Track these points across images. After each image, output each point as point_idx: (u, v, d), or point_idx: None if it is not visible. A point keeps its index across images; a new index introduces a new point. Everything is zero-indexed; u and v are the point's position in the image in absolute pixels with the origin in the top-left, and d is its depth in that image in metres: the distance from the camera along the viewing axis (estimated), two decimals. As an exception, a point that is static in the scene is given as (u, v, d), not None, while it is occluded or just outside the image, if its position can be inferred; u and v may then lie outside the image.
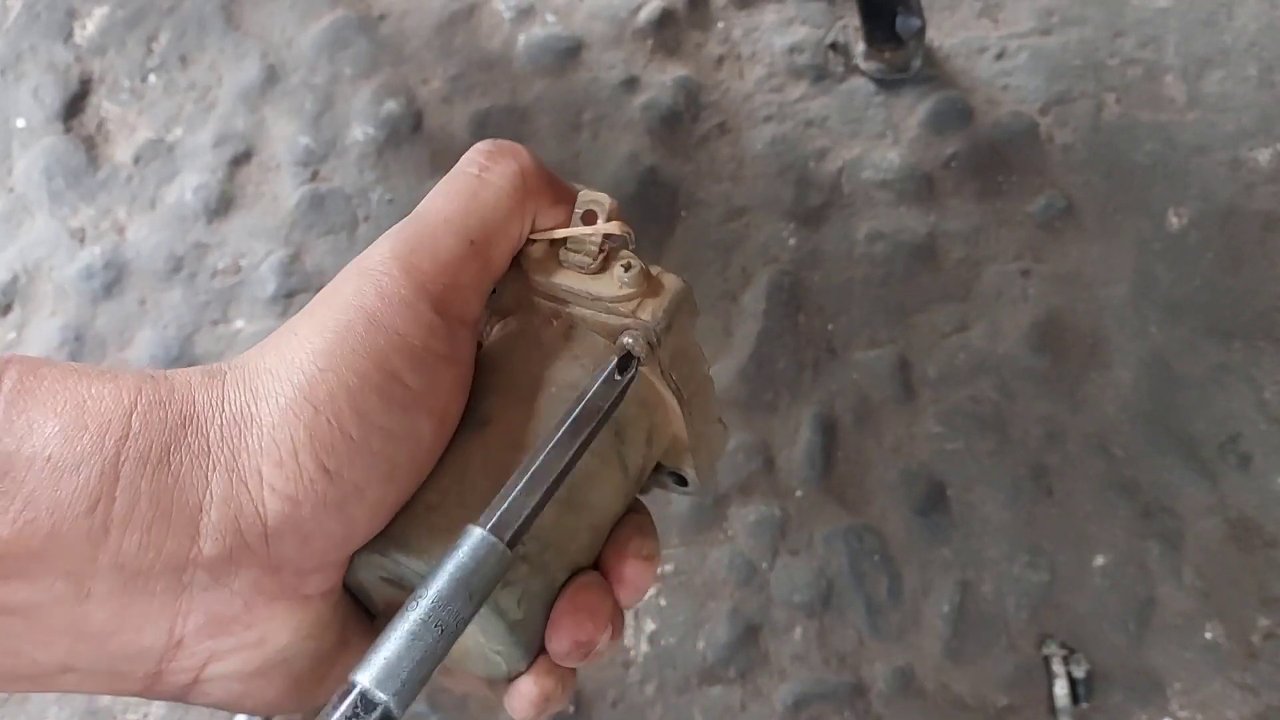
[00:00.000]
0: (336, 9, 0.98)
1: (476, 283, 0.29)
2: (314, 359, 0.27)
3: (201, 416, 0.26)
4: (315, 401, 0.26)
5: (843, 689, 0.76)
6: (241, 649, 0.26)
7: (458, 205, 0.29)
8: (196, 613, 0.25)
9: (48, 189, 0.95)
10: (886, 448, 0.81)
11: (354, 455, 0.26)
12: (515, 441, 0.29)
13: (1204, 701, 0.75)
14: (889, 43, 0.89)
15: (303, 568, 0.26)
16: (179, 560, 0.25)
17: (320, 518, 0.26)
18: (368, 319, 0.27)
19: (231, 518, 0.25)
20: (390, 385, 0.27)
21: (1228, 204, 0.85)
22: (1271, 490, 0.78)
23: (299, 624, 0.27)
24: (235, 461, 0.26)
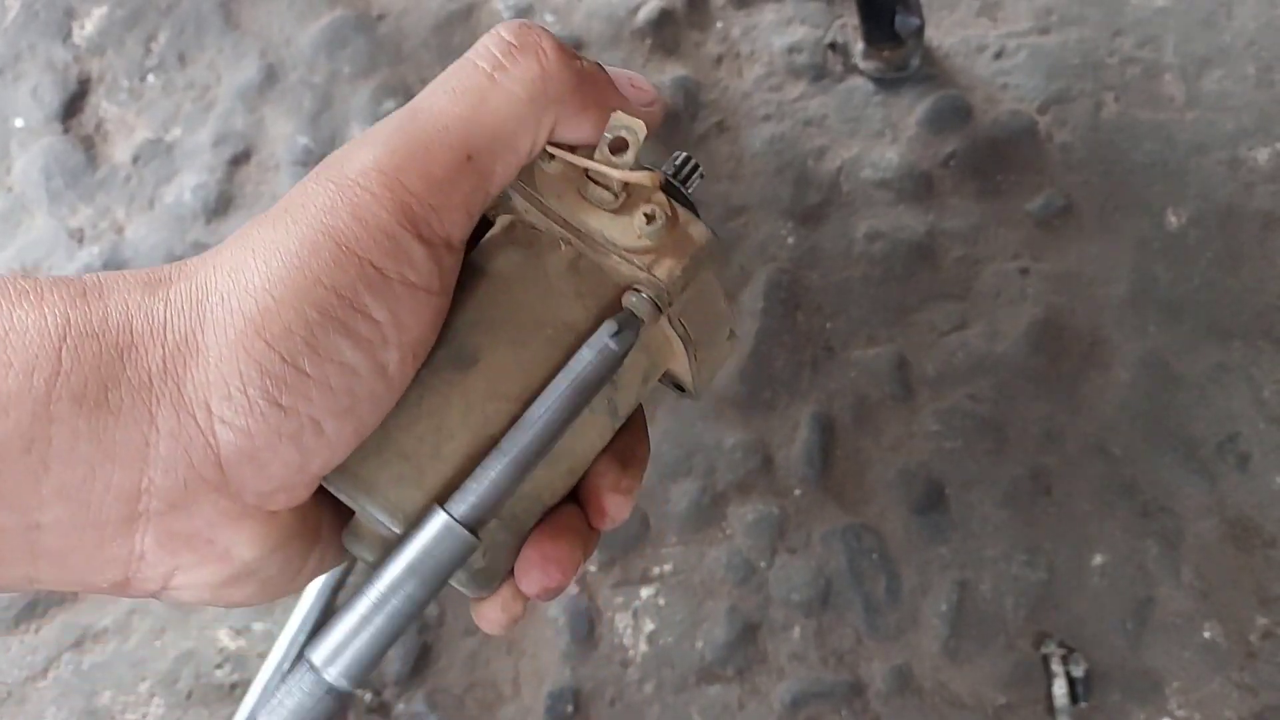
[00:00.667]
0: (335, 8, 0.98)
1: (469, 203, 0.26)
2: (270, 286, 0.25)
3: (140, 346, 0.24)
4: (268, 335, 0.24)
5: (841, 688, 0.76)
6: (207, 562, 0.26)
7: (460, 110, 0.26)
8: (155, 532, 0.25)
9: (46, 189, 0.95)
10: (885, 447, 0.81)
11: (310, 390, 0.25)
12: (501, 391, 0.27)
13: (1202, 701, 0.75)
14: (888, 42, 0.89)
15: (263, 490, 0.25)
16: (130, 490, 0.24)
17: (275, 447, 0.25)
18: (337, 243, 0.25)
19: (181, 451, 0.24)
20: (355, 320, 0.25)
21: (1227, 203, 0.85)
22: (1270, 490, 0.78)
23: (265, 538, 0.26)
24: (181, 394, 0.24)
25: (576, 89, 0.27)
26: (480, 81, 0.26)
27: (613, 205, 0.27)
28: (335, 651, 0.25)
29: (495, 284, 0.28)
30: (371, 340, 0.25)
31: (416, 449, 0.27)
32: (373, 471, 0.27)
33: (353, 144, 0.26)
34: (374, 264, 0.25)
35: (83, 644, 0.81)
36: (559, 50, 0.27)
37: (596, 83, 0.28)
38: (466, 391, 0.27)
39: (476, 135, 0.26)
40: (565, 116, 0.27)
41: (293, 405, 0.25)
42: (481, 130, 0.26)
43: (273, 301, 0.24)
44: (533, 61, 0.26)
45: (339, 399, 0.25)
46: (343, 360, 0.25)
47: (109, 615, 0.81)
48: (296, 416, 0.25)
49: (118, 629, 0.81)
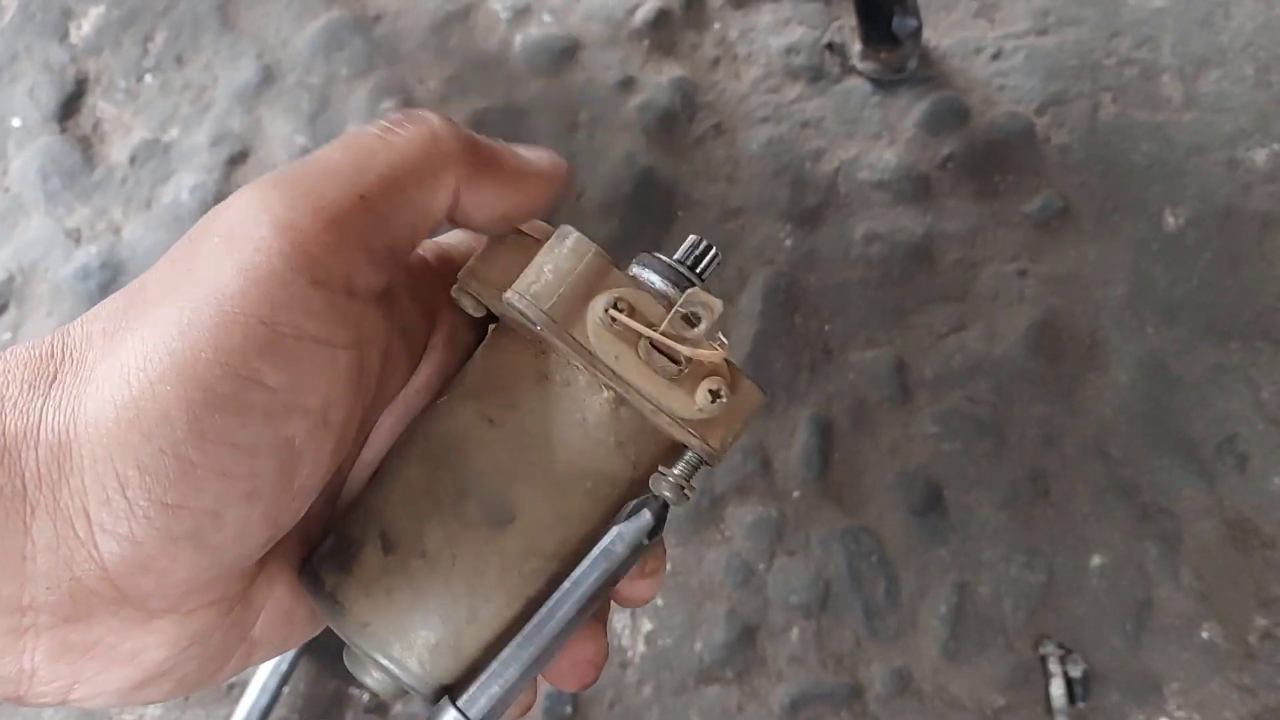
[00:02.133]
0: (332, 9, 0.98)
1: (367, 244, 0.24)
2: (145, 367, 0.22)
3: (14, 450, 0.22)
4: (143, 427, 0.22)
5: (840, 690, 0.76)
6: (112, 668, 0.23)
7: (351, 159, 0.25)
8: (47, 646, 0.22)
9: (43, 189, 0.94)
10: (883, 449, 0.81)
11: (200, 483, 0.22)
12: (538, 549, 0.26)
13: (1201, 701, 0.75)
14: (885, 43, 0.89)
15: (170, 596, 0.23)
16: (12, 605, 0.22)
17: (171, 552, 0.22)
18: (219, 307, 0.22)
19: (62, 564, 0.22)
20: (246, 392, 0.22)
21: (1225, 204, 0.85)
22: (1269, 491, 0.78)
23: (180, 637, 0.24)
24: (56, 502, 0.22)
25: (469, 151, 0.26)
26: (370, 140, 0.25)
27: (673, 374, 0.25)
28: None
29: (529, 423, 0.26)
30: (269, 412, 0.23)
31: (452, 613, 0.25)
32: (405, 634, 0.25)
33: (239, 192, 0.24)
34: (264, 321, 0.22)
35: (79, 646, 0.80)
36: (446, 120, 0.26)
37: (492, 149, 0.27)
38: (503, 551, 0.26)
39: (367, 179, 0.25)
40: (465, 181, 0.26)
41: (180, 502, 0.22)
42: (372, 176, 0.25)
43: (148, 385, 0.22)
44: (421, 126, 0.26)
45: (238, 484, 0.22)
46: (235, 442, 0.22)
47: (105, 618, 0.81)
48: (188, 513, 0.22)
49: (114, 631, 0.81)
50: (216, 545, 0.23)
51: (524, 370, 0.26)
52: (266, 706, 0.74)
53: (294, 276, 0.23)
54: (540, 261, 0.25)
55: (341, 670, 0.78)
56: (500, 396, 0.26)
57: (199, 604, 0.24)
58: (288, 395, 0.23)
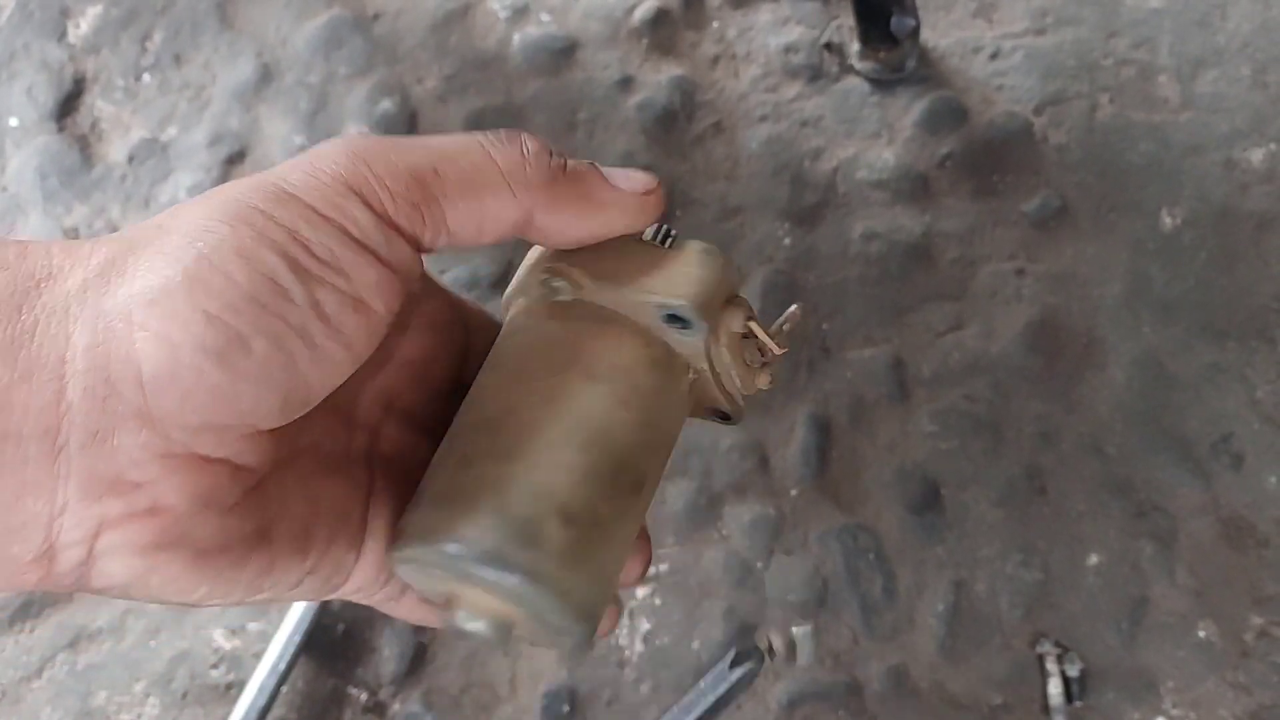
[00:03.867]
0: (331, 8, 0.98)
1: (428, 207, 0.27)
2: (209, 211, 0.24)
3: (59, 274, 0.24)
4: (201, 245, 0.24)
5: (837, 688, 0.76)
6: (133, 516, 0.24)
7: (441, 145, 0.27)
8: (77, 473, 0.23)
9: (41, 188, 0.94)
10: (881, 447, 0.81)
11: (237, 300, 0.24)
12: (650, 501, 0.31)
13: (1197, 700, 0.75)
14: (884, 43, 0.89)
15: (188, 423, 0.24)
16: (48, 418, 0.23)
17: (201, 364, 0.23)
18: (281, 188, 0.25)
19: (101, 364, 0.23)
20: (292, 248, 0.24)
21: (1221, 204, 0.85)
22: (1264, 490, 0.78)
23: (193, 489, 0.25)
24: (101, 307, 0.23)
25: (552, 181, 0.28)
26: (468, 143, 0.28)
27: (755, 364, 0.33)
28: None
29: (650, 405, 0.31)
30: (309, 271, 0.25)
31: (615, 569, 0.30)
32: (596, 595, 0.29)
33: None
34: (317, 210, 0.25)
35: (77, 644, 0.80)
36: (540, 146, 0.28)
37: (577, 178, 0.29)
38: (638, 510, 0.30)
39: (448, 164, 0.27)
40: (541, 205, 0.28)
41: (219, 314, 0.23)
42: (454, 164, 0.27)
43: (209, 220, 0.24)
44: (514, 148, 0.28)
45: (269, 320, 0.24)
46: (275, 278, 0.24)
47: (104, 616, 0.81)
48: (223, 327, 0.23)
49: (112, 629, 0.80)
50: (239, 372, 0.24)
51: (638, 357, 0.31)
52: (265, 705, 0.74)
53: (349, 194, 0.25)
54: (689, 271, 0.30)
55: (340, 669, 0.78)
56: (626, 381, 0.30)
57: (212, 448, 0.25)
58: (325, 270, 0.25)
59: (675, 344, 0.31)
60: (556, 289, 0.31)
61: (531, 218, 0.28)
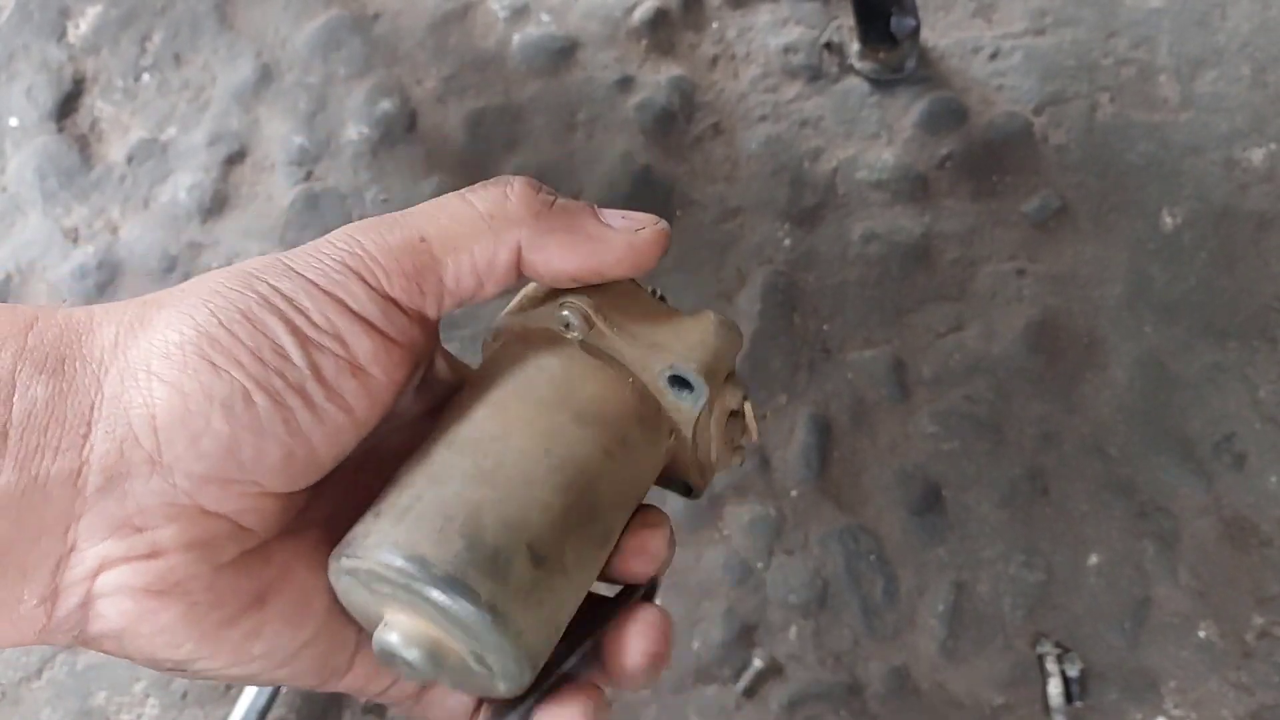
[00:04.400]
0: (331, 8, 0.98)
1: (420, 277, 0.28)
2: (224, 279, 0.27)
3: (98, 328, 0.27)
4: (212, 305, 0.27)
5: (838, 689, 0.76)
6: (133, 557, 0.26)
7: (424, 209, 0.29)
8: (90, 515, 0.25)
9: (41, 188, 0.94)
10: (882, 448, 0.81)
11: (240, 354, 0.26)
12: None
13: (1198, 700, 0.75)
14: (884, 43, 0.89)
15: (194, 470, 0.26)
16: (73, 459, 0.25)
17: (207, 412, 0.26)
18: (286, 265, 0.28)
19: (121, 410, 0.26)
20: (291, 313, 0.27)
21: (1221, 204, 0.85)
22: (1266, 489, 0.78)
23: (190, 537, 0.26)
24: (127, 359, 0.26)
25: (539, 214, 0.29)
26: (450, 198, 0.30)
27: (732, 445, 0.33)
28: None
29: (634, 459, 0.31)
30: (308, 336, 0.27)
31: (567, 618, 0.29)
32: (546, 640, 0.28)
33: None
34: (316, 284, 0.27)
35: (77, 646, 0.80)
36: (525, 183, 0.30)
37: (566, 212, 0.30)
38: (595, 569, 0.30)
39: (431, 226, 0.29)
40: (530, 238, 0.29)
41: (225, 366, 0.26)
42: (438, 225, 0.29)
43: (221, 286, 0.27)
44: (498, 189, 0.30)
45: (269, 376, 0.26)
46: (275, 339, 0.26)
47: (103, 617, 0.81)
48: (228, 379, 0.26)
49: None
50: (242, 424, 0.26)
51: (629, 409, 0.31)
52: (264, 706, 0.74)
53: (347, 271, 0.28)
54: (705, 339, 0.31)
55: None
56: (614, 431, 0.30)
57: (215, 503, 0.26)
58: (323, 336, 0.27)
59: (668, 405, 0.31)
60: (567, 322, 0.31)
61: (520, 253, 0.29)
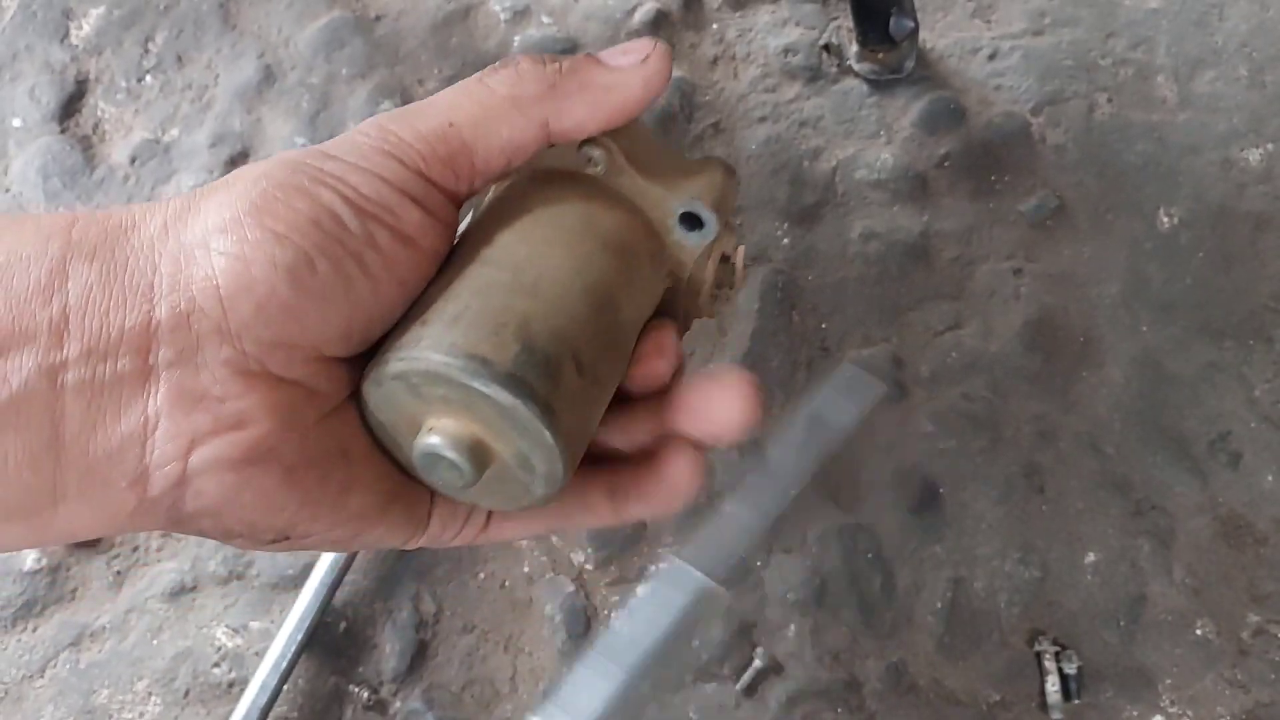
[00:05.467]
0: (333, 9, 0.98)
1: (452, 159, 0.29)
2: (268, 166, 0.28)
3: (143, 222, 0.27)
4: (266, 182, 0.27)
5: (836, 686, 0.76)
6: (221, 429, 0.26)
7: (446, 96, 0.31)
8: (166, 389, 0.26)
9: (44, 189, 0.95)
10: (880, 446, 0.82)
11: (300, 222, 0.27)
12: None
13: (1195, 697, 0.75)
14: (882, 44, 0.89)
15: (262, 337, 0.26)
16: (140, 336, 0.26)
17: (271, 278, 0.26)
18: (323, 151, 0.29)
19: (183, 284, 0.26)
20: (340, 185, 0.28)
21: (1219, 204, 0.85)
22: (1262, 488, 0.79)
23: (275, 406, 0.27)
24: (180, 241, 0.27)
25: (554, 85, 0.30)
26: (469, 83, 0.31)
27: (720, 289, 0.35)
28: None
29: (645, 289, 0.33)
30: (362, 208, 0.28)
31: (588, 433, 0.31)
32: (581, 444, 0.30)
33: None
34: (359, 165, 0.28)
35: (80, 643, 0.81)
36: (532, 60, 0.31)
37: (575, 72, 0.31)
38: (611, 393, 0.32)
39: (457, 110, 0.30)
40: (551, 111, 0.30)
41: (286, 233, 0.26)
42: (462, 108, 0.30)
43: (268, 168, 0.28)
44: (508, 70, 0.31)
45: (330, 244, 0.27)
46: (331, 208, 0.27)
47: (106, 614, 0.81)
48: (290, 245, 0.26)
49: (115, 628, 0.81)
50: (305, 289, 0.27)
51: (642, 242, 0.32)
52: (267, 704, 0.75)
53: (383, 153, 0.28)
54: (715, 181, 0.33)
55: (341, 667, 0.79)
56: (632, 261, 0.32)
57: (285, 368, 0.27)
58: (381, 212, 0.28)
59: (671, 244, 0.33)
60: (591, 158, 0.32)
61: (547, 126, 0.30)
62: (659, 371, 0.33)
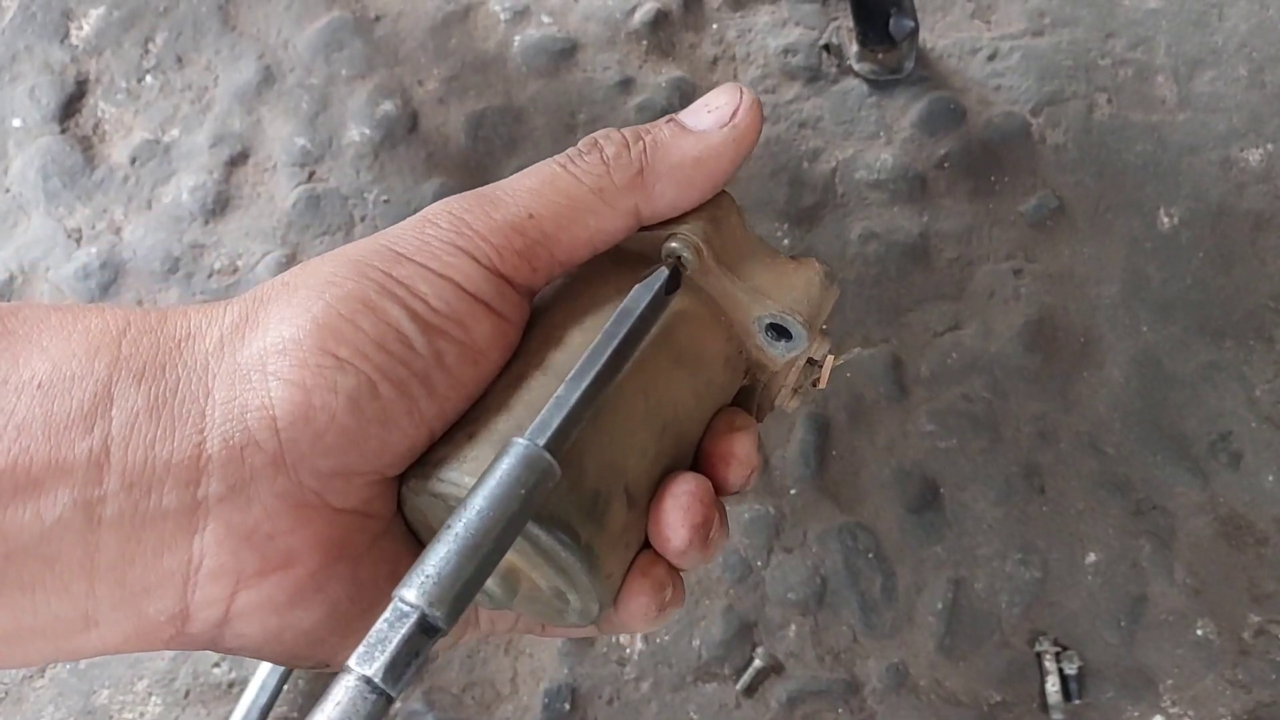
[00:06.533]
0: (332, 10, 0.98)
1: (530, 255, 0.27)
2: (332, 270, 0.26)
3: (197, 335, 0.25)
4: (328, 297, 0.25)
5: (837, 686, 0.76)
6: (269, 570, 0.25)
7: (529, 184, 0.28)
8: (214, 525, 0.24)
9: (44, 189, 0.95)
10: (880, 446, 0.82)
11: (365, 345, 0.25)
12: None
13: (1195, 698, 0.75)
14: (882, 44, 0.89)
15: (320, 469, 0.25)
16: (188, 470, 0.24)
17: (331, 407, 0.24)
18: (395, 250, 0.26)
19: (237, 413, 0.24)
20: (409, 298, 0.26)
21: (1218, 204, 0.85)
22: (1262, 488, 0.79)
23: (328, 540, 0.25)
24: (236, 361, 0.25)
25: (642, 172, 0.28)
26: (552, 169, 0.28)
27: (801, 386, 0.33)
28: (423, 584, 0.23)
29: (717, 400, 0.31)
30: (430, 322, 0.26)
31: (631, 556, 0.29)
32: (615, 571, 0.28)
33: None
34: (431, 268, 0.26)
35: (80, 644, 0.81)
36: (618, 145, 0.29)
37: (663, 152, 0.28)
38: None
39: (539, 202, 0.28)
40: (642, 199, 0.28)
41: (349, 359, 0.25)
42: (544, 200, 0.28)
43: (333, 275, 0.26)
44: (594, 157, 0.28)
45: (395, 366, 0.25)
46: (398, 326, 0.25)
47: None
48: (353, 371, 0.25)
49: (115, 629, 0.81)
50: (369, 416, 0.25)
51: (717, 351, 0.30)
52: (267, 704, 0.75)
53: (457, 250, 0.26)
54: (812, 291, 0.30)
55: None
56: (705, 374, 0.30)
57: (342, 498, 0.25)
58: (446, 319, 0.26)
59: (752, 347, 0.31)
60: (677, 254, 0.30)
61: (639, 214, 0.29)
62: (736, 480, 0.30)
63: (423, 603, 0.22)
